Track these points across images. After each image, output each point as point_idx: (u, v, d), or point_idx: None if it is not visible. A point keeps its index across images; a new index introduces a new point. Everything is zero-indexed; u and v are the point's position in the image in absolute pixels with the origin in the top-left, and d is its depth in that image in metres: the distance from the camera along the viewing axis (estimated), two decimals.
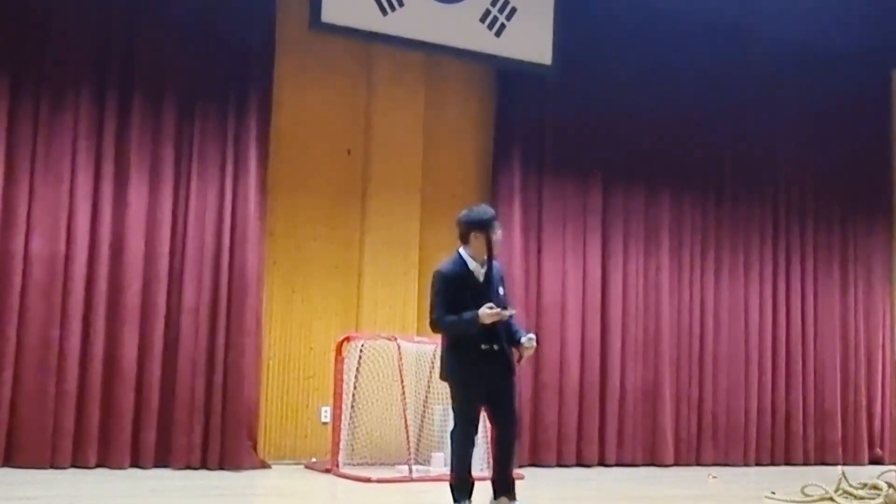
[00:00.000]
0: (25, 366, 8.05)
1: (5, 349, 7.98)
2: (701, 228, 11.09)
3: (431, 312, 6.21)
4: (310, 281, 9.49)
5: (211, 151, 8.83)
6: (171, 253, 8.63)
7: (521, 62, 10.01)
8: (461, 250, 6.26)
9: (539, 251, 10.23)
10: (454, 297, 6.07)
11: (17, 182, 8.17)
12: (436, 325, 6.19)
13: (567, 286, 10.28)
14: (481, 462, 8.09)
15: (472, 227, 6.19)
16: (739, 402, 11.03)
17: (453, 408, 6.27)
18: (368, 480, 8.08)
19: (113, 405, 8.28)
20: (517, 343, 6.26)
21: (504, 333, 6.21)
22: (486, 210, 6.34)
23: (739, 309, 11.18)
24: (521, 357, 6.34)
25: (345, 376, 8.85)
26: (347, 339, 8.96)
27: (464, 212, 6.35)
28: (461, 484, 6.12)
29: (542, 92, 10.28)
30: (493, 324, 6.07)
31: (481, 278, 6.22)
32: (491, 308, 5.98)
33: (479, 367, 6.10)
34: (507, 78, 10.27)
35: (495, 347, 6.15)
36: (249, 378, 8.70)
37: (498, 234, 6.30)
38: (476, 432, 6.24)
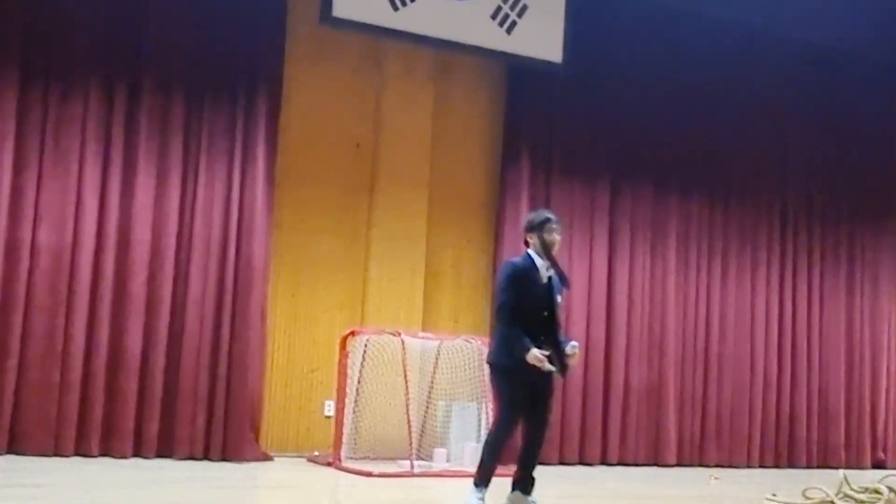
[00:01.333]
0: (30, 355, 8.09)
1: (11, 338, 8.02)
2: (708, 229, 11.09)
3: (497, 298, 6.52)
4: (316, 274, 9.52)
5: (219, 144, 8.86)
6: (178, 244, 8.66)
7: (531, 59, 10.01)
8: (528, 251, 6.56)
9: None
10: (520, 289, 6.33)
11: (26, 172, 8.21)
12: (500, 313, 6.42)
13: (573, 284, 10.21)
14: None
15: (528, 230, 6.57)
16: (744, 404, 11.03)
17: (500, 401, 6.49)
18: (370, 475, 8.10)
19: (117, 395, 8.32)
20: (562, 353, 6.40)
21: (553, 338, 6.39)
22: (541, 213, 6.71)
23: (745, 310, 11.18)
24: (565, 368, 6.44)
25: (349, 370, 8.87)
26: (352, 333, 8.98)
27: (527, 216, 6.88)
28: (488, 472, 6.32)
29: (552, 89, 10.28)
30: (548, 327, 6.35)
31: (545, 279, 6.47)
32: (541, 355, 6.17)
33: (530, 367, 6.20)
34: (517, 75, 10.27)
35: (543, 349, 6.28)
36: (253, 370, 8.72)
37: (554, 235, 6.52)
38: (516, 425, 6.47)
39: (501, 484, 6.52)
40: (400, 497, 7.24)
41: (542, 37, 9.97)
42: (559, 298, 6.51)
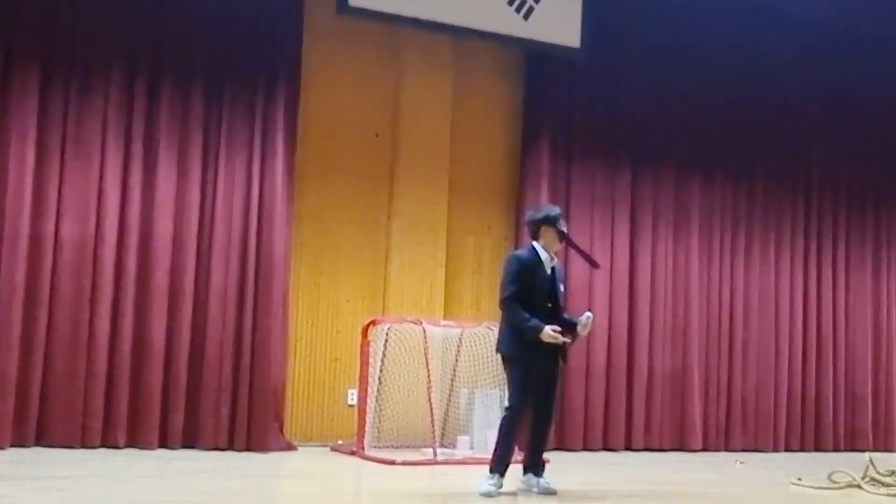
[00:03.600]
0: (56, 347, 8.17)
1: (36, 331, 8.10)
2: (731, 212, 11.02)
3: (503, 290, 6.69)
4: (337, 264, 9.55)
5: (239, 135, 8.89)
6: (199, 236, 8.71)
7: (549, 45, 9.96)
8: (535, 243, 6.81)
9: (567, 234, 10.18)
10: (524, 281, 6.60)
11: (48, 167, 8.27)
12: (504, 305, 6.66)
13: (594, 270, 10.22)
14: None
15: (542, 223, 6.78)
16: (769, 388, 10.96)
17: (511, 388, 6.65)
18: (393, 463, 8.12)
19: (142, 386, 8.39)
20: (573, 327, 6.70)
21: (558, 324, 6.62)
22: (552, 207, 6.99)
23: (770, 294, 11.10)
24: (575, 336, 6.72)
25: (371, 359, 8.89)
26: (373, 322, 9.00)
27: (530, 211, 7.03)
28: (503, 459, 6.58)
29: (571, 75, 10.24)
30: (552, 316, 6.60)
31: (549, 271, 6.76)
32: (555, 331, 6.47)
33: (538, 351, 6.53)
34: (536, 61, 10.23)
35: (566, 341, 6.61)
36: (276, 361, 8.76)
37: (564, 228, 6.84)
38: (526, 411, 6.67)
39: (512, 468, 6.71)
40: (423, 485, 7.26)
41: (559, 22, 9.92)
42: (562, 287, 6.79)
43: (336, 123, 9.62)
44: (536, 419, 6.76)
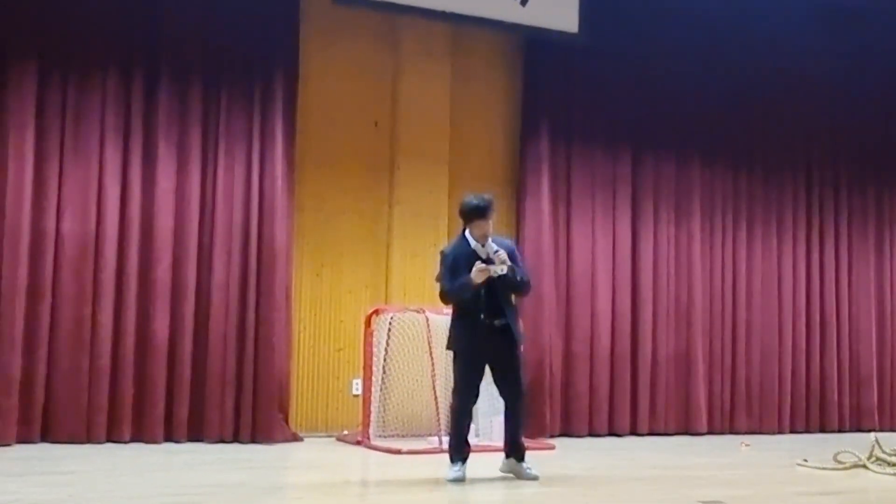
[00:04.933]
0: (59, 343, 8.18)
1: (39, 327, 8.11)
2: (733, 195, 11.00)
3: (439, 286, 6.81)
4: (339, 254, 9.54)
5: (238, 127, 8.88)
6: (200, 229, 8.71)
7: (547, 31, 9.92)
8: (466, 233, 6.84)
9: (568, 221, 10.20)
10: (458, 271, 6.64)
11: (48, 162, 8.27)
12: (443, 296, 6.83)
13: (597, 255, 10.25)
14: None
15: (469, 216, 6.76)
16: (773, 370, 10.96)
17: (454, 377, 6.83)
18: (398, 452, 8.14)
19: (146, 380, 8.40)
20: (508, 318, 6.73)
21: (508, 307, 6.74)
22: (482, 198, 6.78)
23: (773, 275, 11.09)
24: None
25: (374, 349, 8.89)
26: (376, 311, 9.00)
27: (463, 199, 6.87)
28: (455, 449, 6.71)
29: (570, 60, 10.20)
30: (495, 298, 6.64)
31: (483, 255, 6.71)
32: (480, 266, 6.50)
33: (482, 340, 6.66)
34: (534, 47, 10.19)
35: (496, 323, 6.68)
36: (280, 352, 8.77)
37: (483, 229, 6.72)
38: (473, 402, 6.84)
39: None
40: (429, 473, 7.25)
41: (557, 7, 9.87)
42: (503, 269, 6.58)
43: (335, 113, 9.60)
44: (506, 405, 6.87)
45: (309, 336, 9.37)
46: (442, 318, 9.05)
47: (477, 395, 6.81)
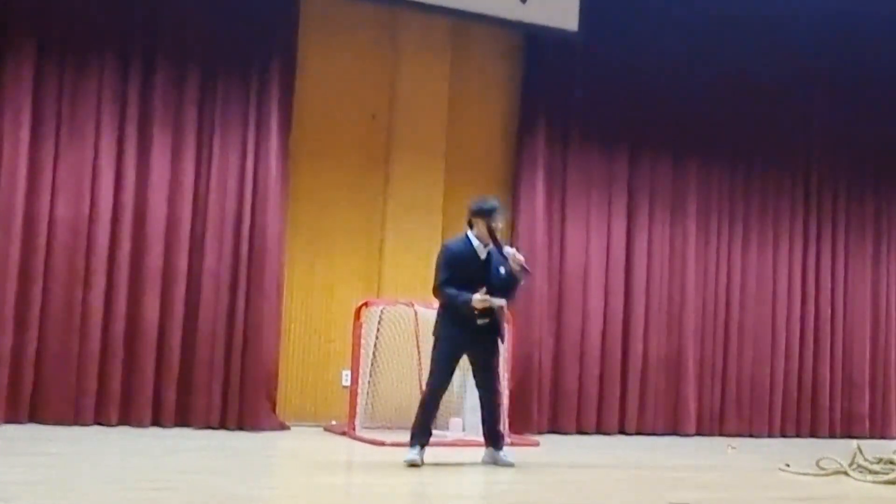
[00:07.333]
0: (49, 326, 8.25)
1: (30, 309, 8.18)
2: (729, 197, 10.99)
3: (435, 279, 7.06)
4: (332, 245, 9.58)
5: (233, 116, 8.93)
6: (193, 216, 8.76)
7: (546, 28, 9.91)
8: (468, 232, 7.12)
9: (563, 218, 10.22)
10: (455, 269, 6.93)
11: (43, 146, 8.33)
12: (436, 292, 7.06)
13: (590, 253, 10.26)
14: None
15: (476, 215, 7.07)
16: (765, 373, 10.96)
17: (430, 364, 7.11)
18: (382, 444, 8.17)
19: (135, 365, 8.46)
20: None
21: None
22: (489, 201, 7.14)
23: (767, 279, 11.08)
24: (514, 284, 7.11)
25: (363, 341, 8.92)
26: (366, 304, 9.03)
27: (472, 199, 7.22)
28: (418, 433, 6.96)
29: (569, 58, 10.20)
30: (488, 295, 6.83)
31: (483, 257, 7.06)
32: (483, 295, 6.78)
33: (465, 333, 6.94)
34: (533, 44, 10.20)
35: (479, 322, 6.92)
36: (269, 341, 8.82)
37: (498, 224, 7.11)
38: (443, 390, 7.13)
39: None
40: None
41: (557, 5, 9.85)
42: (502, 271, 6.99)
43: (332, 105, 9.63)
44: (481, 399, 7.22)
45: (300, 326, 9.42)
46: (431, 313, 9.08)
47: (447, 385, 7.11)
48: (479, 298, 6.78)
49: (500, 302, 6.90)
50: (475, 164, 10.14)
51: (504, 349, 7.84)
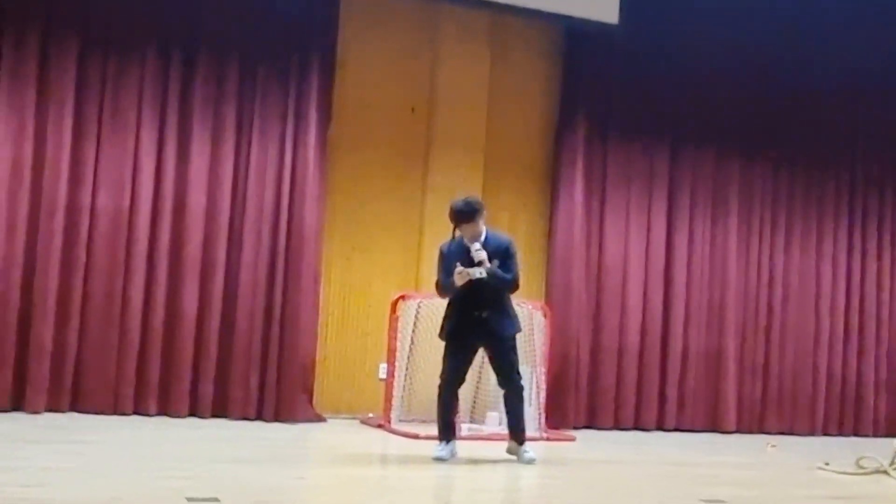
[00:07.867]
0: (90, 316, 8.36)
1: (72, 300, 8.29)
2: (772, 193, 10.83)
3: (435, 281, 7.26)
4: (370, 238, 9.61)
5: (272, 109, 8.97)
6: (232, 209, 8.83)
7: (587, 21, 9.82)
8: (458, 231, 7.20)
9: (601, 213, 10.15)
10: (449, 268, 7.02)
11: (86, 139, 8.43)
12: (437, 289, 7.31)
13: (629, 249, 10.19)
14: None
15: (451, 219, 7.15)
16: (807, 371, 10.81)
17: (442, 363, 7.25)
18: (416, 437, 8.18)
19: (173, 356, 8.55)
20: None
21: (495, 299, 7.07)
22: (465, 204, 7.16)
23: (811, 276, 10.92)
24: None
25: (399, 334, 8.93)
26: (402, 297, 9.04)
27: (451, 204, 7.22)
28: (440, 428, 7.12)
29: (609, 52, 10.13)
30: (480, 292, 6.96)
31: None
32: (460, 268, 6.88)
33: (466, 330, 7.10)
34: (574, 37, 10.14)
35: (475, 314, 7.05)
36: (306, 333, 8.87)
37: (479, 225, 7.14)
38: (455, 387, 7.22)
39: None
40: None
41: None
42: (482, 272, 6.94)
43: (372, 98, 9.66)
44: (504, 395, 7.28)
45: (337, 319, 9.46)
46: None
47: (460, 381, 7.22)
48: (456, 273, 6.89)
49: (477, 272, 6.90)
50: (514, 158, 10.12)
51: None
